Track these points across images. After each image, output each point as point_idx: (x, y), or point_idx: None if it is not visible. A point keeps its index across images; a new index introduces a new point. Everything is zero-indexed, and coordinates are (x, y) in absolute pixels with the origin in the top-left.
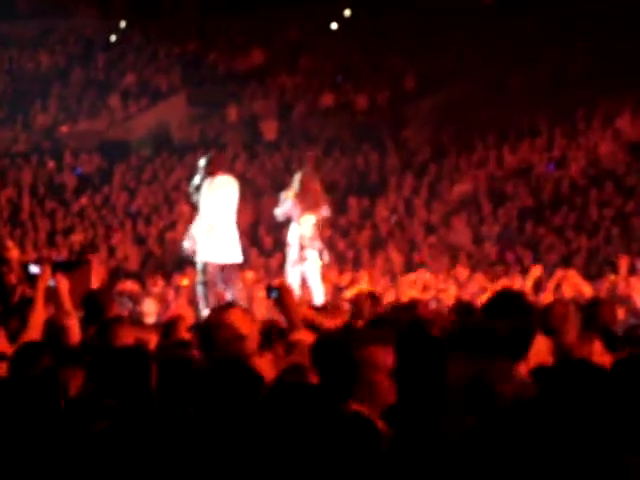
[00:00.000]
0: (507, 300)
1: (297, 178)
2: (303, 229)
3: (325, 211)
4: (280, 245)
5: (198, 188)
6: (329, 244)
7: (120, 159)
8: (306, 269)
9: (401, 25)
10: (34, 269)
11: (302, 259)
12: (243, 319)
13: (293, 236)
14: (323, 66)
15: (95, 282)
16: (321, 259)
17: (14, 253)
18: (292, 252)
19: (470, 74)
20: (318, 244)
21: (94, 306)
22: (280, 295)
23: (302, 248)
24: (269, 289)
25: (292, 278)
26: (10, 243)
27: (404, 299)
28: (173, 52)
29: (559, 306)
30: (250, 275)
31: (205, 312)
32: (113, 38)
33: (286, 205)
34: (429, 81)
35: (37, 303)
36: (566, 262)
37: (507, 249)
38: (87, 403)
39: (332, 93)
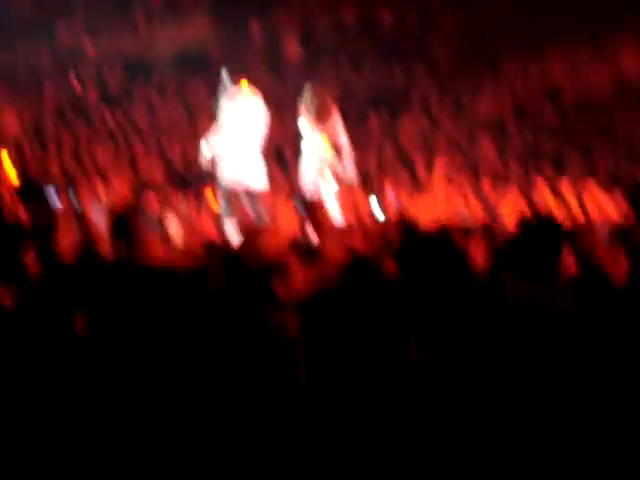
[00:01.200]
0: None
1: (308, 95)
2: (319, 148)
3: (339, 130)
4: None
5: (222, 107)
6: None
7: (143, 76)
8: (323, 188)
9: None
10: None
11: (320, 178)
12: (274, 240)
13: (309, 155)
14: None
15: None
16: (340, 179)
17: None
18: (308, 172)
19: None
20: (335, 163)
21: (121, 224)
22: (308, 207)
23: (318, 167)
24: (296, 198)
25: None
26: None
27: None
28: None
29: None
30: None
31: (230, 231)
32: None
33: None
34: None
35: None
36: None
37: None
38: None
39: (356, 9)
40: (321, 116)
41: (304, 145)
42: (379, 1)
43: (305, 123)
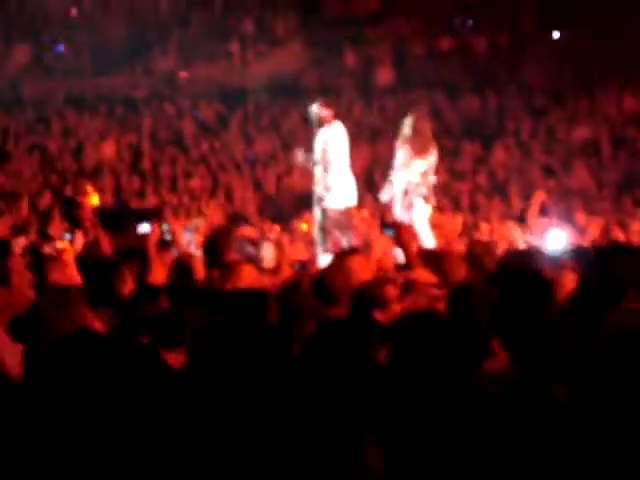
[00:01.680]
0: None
1: (408, 122)
2: (411, 174)
3: (433, 157)
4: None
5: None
6: (444, 189)
7: (238, 105)
8: (413, 215)
9: None
10: (144, 228)
11: (409, 205)
12: (365, 265)
13: (400, 181)
14: (440, 8)
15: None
16: (427, 204)
17: (90, 199)
18: (398, 200)
19: (592, 14)
20: (424, 190)
21: (214, 249)
22: (398, 232)
23: (407, 193)
24: (385, 225)
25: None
26: (89, 188)
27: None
28: None
29: None
30: (366, 213)
31: (323, 257)
32: None
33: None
34: (550, 21)
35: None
36: None
37: (627, 194)
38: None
39: (449, 36)
40: (419, 144)
41: (398, 171)
42: (473, 28)
43: (402, 150)
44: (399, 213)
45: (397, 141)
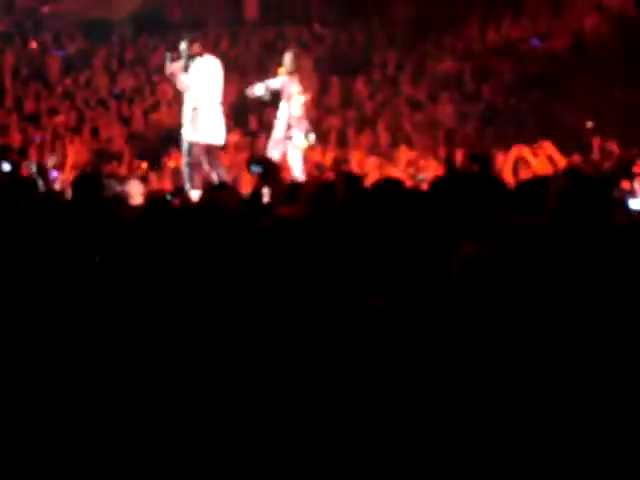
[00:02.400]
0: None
1: (289, 57)
2: (293, 108)
3: (313, 91)
4: (265, 126)
5: (182, 69)
6: (314, 124)
7: (102, 40)
8: (289, 148)
9: None
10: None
11: (287, 138)
12: (233, 199)
13: (282, 114)
14: None
15: (80, 163)
16: (306, 140)
17: None
18: (278, 130)
19: None
20: (305, 125)
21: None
22: (265, 169)
23: (289, 127)
24: (252, 163)
25: (273, 155)
26: None
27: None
28: None
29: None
30: (235, 138)
31: (192, 192)
32: None
33: (276, 82)
34: None
35: None
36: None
37: (490, 125)
38: None
39: None
40: (301, 79)
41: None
42: None
43: (284, 83)
44: (273, 144)
45: (275, 76)
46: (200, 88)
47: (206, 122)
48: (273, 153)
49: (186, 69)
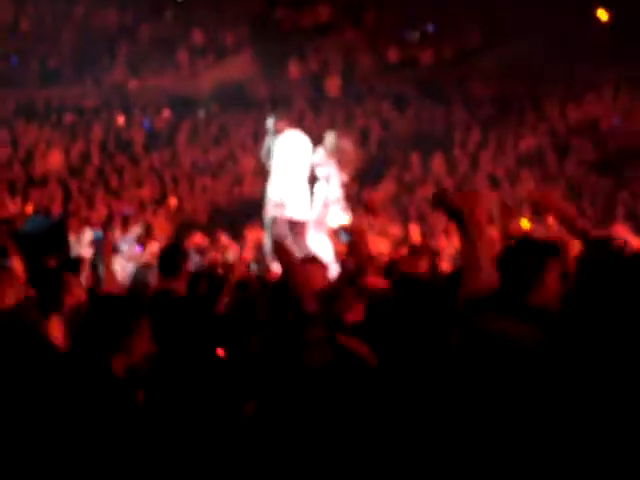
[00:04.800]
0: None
1: (331, 138)
2: (331, 189)
3: (352, 172)
4: None
5: (269, 148)
6: (393, 200)
7: (188, 115)
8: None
9: None
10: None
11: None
12: (320, 273)
13: (319, 194)
14: (388, 21)
15: (164, 236)
16: (343, 216)
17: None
18: (316, 211)
19: (536, 28)
20: (342, 203)
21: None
22: (353, 238)
23: (326, 206)
24: (341, 232)
25: (316, 237)
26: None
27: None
28: (239, 9)
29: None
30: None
31: (274, 265)
32: None
33: (318, 160)
34: (495, 35)
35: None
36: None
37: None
38: None
39: (397, 48)
40: (340, 160)
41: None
42: (420, 41)
43: (324, 165)
44: (313, 227)
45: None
46: (286, 163)
47: (292, 197)
48: (315, 235)
49: (273, 144)
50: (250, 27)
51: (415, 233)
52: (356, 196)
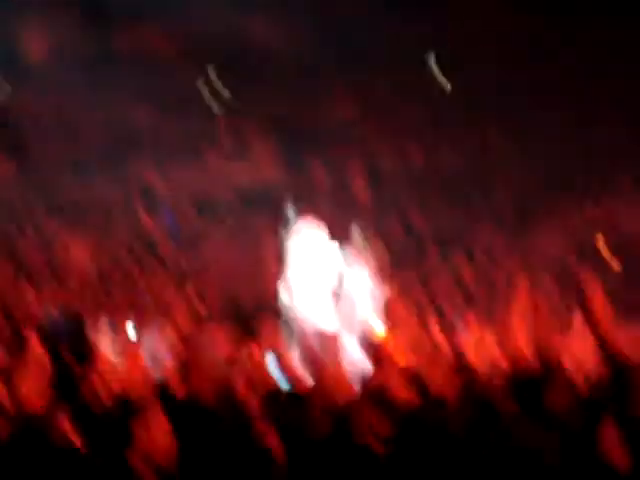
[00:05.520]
0: None
1: (358, 241)
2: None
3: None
4: None
5: (290, 246)
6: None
7: (210, 214)
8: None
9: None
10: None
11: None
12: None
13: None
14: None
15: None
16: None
17: None
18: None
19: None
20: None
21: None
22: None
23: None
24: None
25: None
26: None
27: None
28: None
29: None
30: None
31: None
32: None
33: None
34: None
35: None
36: None
37: None
38: None
39: (422, 153)
40: (369, 260)
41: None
42: (445, 145)
43: (352, 264)
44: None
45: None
46: (309, 263)
47: (320, 305)
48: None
49: (295, 246)
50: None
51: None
52: None
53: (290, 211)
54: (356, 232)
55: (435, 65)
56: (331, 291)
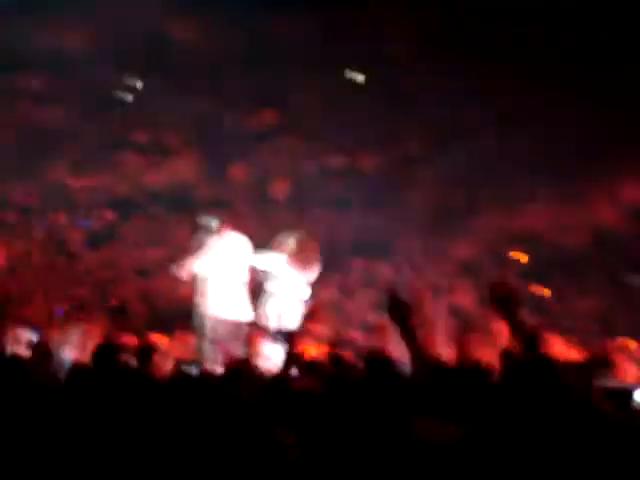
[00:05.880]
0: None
1: (292, 240)
2: (290, 289)
3: (314, 274)
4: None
5: (208, 249)
6: (335, 305)
7: (130, 215)
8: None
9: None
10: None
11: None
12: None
13: (279, 294)
14: (332, 128)
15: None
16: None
17: None
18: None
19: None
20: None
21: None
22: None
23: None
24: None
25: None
26: None
27: None
28: (185, 110)
29: None
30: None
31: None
32: (125, 94)
33: (276, 261)
34: (434, 144)
35: None
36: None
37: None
38: None
39: (340, 155)
40: (302, 261)
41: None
42: (364, 148)
43: (282, 263)
44: (271, 321)
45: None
46: (227, 265)
47: (232, 299)
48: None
49: (213, 246)
50: (195, 129)
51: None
52: None
53: (208, 212)
54: (276, 234)
55: (352, 66)
56: (246, 288)
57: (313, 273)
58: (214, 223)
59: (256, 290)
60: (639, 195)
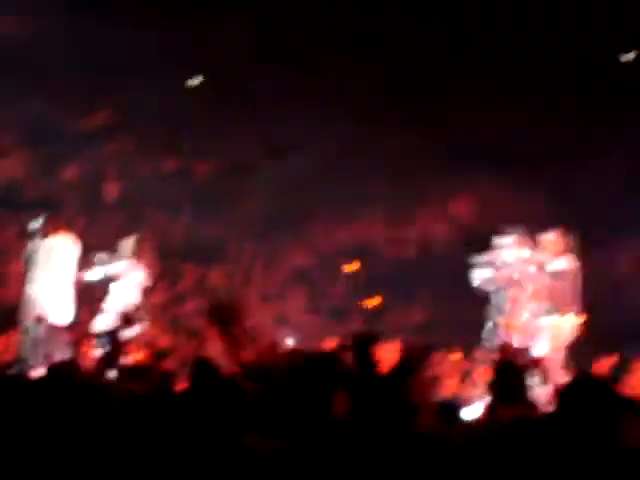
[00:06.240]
0: None
1: (129, 242)
2: (131, 293)
3: (149, 277)
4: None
5: (34, 250)
6: (165, 311)
7: None
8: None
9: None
10: None
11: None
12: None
13: (114, 299)
14: (166, 129)
15: None
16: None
17: None
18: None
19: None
20: (138, 307)
21: None
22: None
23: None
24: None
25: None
26: None
27: None
28: (18, 109)
29: None
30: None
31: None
32: None
33: (116, 267)
34: (271, 153)
35: None
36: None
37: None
38: None
39: (174, 157)
40: (140, 261)
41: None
42: (196, 152)
43: (120, 268)
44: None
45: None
46: (53, 266)
47: (56, 300)
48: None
49: (39, 247)
50: (25, 128)
51: None
52: None
53: (39, 212)
54: (106, 236)
55: (191, 70)
56: (72, 290)
57: (147, 277)
58: (40, 223)
59: (84, 292)
60: (466, 210)
